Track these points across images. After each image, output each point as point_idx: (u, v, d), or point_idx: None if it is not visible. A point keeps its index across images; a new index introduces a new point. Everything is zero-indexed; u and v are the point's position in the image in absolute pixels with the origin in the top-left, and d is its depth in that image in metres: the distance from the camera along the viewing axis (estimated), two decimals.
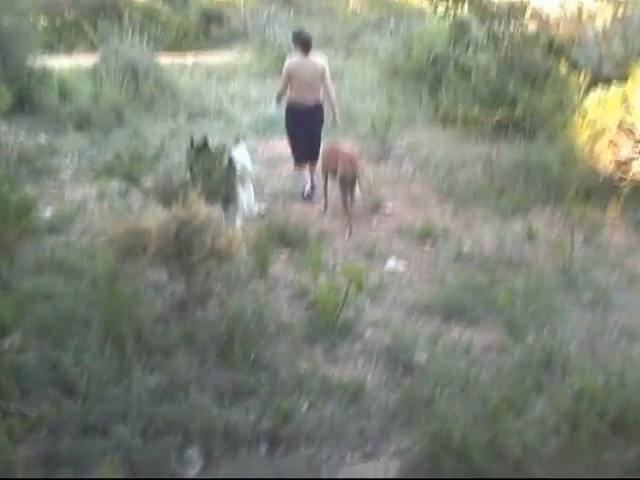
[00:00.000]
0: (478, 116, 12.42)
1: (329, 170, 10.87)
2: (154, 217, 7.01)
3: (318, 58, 11.52)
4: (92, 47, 22.49)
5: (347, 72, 23.07)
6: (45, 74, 17.89)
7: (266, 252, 8.72)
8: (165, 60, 22.86)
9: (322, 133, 11.85)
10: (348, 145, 11.24)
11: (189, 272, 7.35)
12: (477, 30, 12.48)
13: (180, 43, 29.91)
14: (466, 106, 12.56)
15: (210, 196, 7.49)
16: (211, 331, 6.95)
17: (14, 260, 8.36)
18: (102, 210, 10.01)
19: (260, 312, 7.32)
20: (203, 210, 6.98)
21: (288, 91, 11.47)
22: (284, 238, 9.56)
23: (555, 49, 12.03)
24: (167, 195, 7.09)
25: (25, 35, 18.26)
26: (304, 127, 11.44)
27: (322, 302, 7.48)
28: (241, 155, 9.78)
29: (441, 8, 12.35)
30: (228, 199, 8.95)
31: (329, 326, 7.30)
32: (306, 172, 11.71)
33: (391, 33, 25.48)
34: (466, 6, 12.09)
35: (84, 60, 21.93)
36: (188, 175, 7.92)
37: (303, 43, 11.26)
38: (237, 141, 10.26)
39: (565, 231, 9.91)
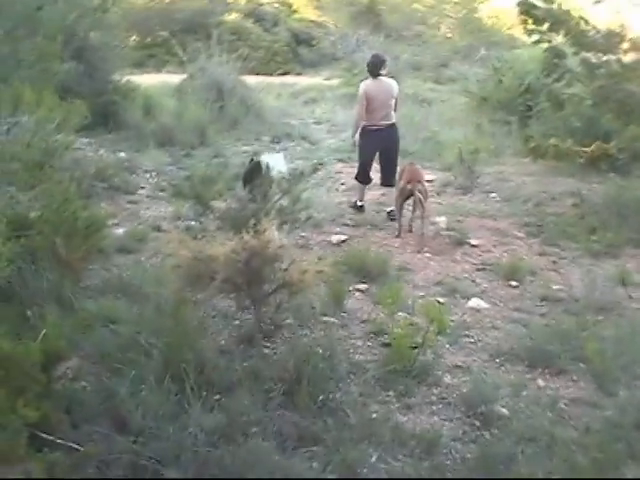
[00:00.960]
0: (570, 149, 11.75)
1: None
2: (223, 243, 6.54)
3: (390, 79, 11.51)
4: (182, 65, 22.36)
5: (435, 100, 22.76)
6: (130, 90, 17.77)
7: (342, 285, 8.21)
8: (252, 80, 22.78)
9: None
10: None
11: (259, 303, 6.88)
12: (572, 59, 11.83)
13: (269, 64, 29.86)
14: (558, 138, 11.90)
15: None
16: (278, 368, 6.43)
17: (79, 280, 8.04)
18: (173, 232, 9.57)
19: (332, 350, 6.75)
20: (275, 238, 6.51)
21: (364, 113, 11.32)
22: (362, 270, 9.00)
23: None
24: (238, 221, 6.62)
25: (112, 51, 18.18)
26: (379, 148, 11.45)
27: (398, 342, 6.92)
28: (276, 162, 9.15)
29: (535, 35, 11.70)
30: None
31: (405, 369, 6.72)
32: (362, 191, 11.79)
33: (481, 61, 24.96)
34: (562, 33, 11.43)
35: (172, 78, 21.91)
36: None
37: (375, 65, 11.32)
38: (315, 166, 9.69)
39: None
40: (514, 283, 9.15)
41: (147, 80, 21.61)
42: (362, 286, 8.75)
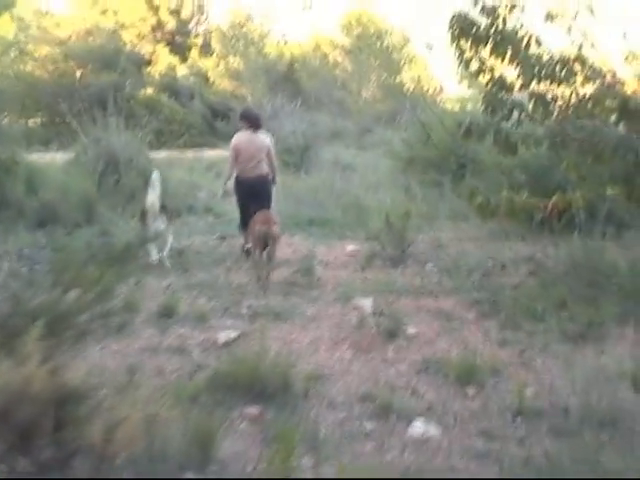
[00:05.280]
0: (527, 203, 8.95)
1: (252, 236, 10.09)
2: None
3: (263, 135, 11.47)
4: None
5: (358, 165, 20.48)
6: (14, 164, 14.98)
7: (211, 420, 5.08)
8: (163, 154, 20.47)
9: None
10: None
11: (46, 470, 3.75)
12: (518, 92, 9.13)
13: (183, 137, 27.59)
14: (511, 191, 9.09)
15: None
16: None
17: None
18: None
19: None
20: (44, 369, 3.39)
21: (236, 164, 11.22)
22: (255, 384, 5.84)
23: (629, 113, 8.61)
24: None
25: None
26: (253, 198, 10.92)
27: None
28: (155, 183, 10.93)
29: (473, 64, 8.96)
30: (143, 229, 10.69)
31: None
32: (247, 236, 10.83)
33: (406, 125, 22.83)
34: (507, 58, 8.71)
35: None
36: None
37: (250, 120, 11.32)
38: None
39: None
40: (472, 390, 6.13)
41: (47, 159, 18.94)
42: (253, 410, 5.58)
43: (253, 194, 10.99)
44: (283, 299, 8.72)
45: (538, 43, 8.72)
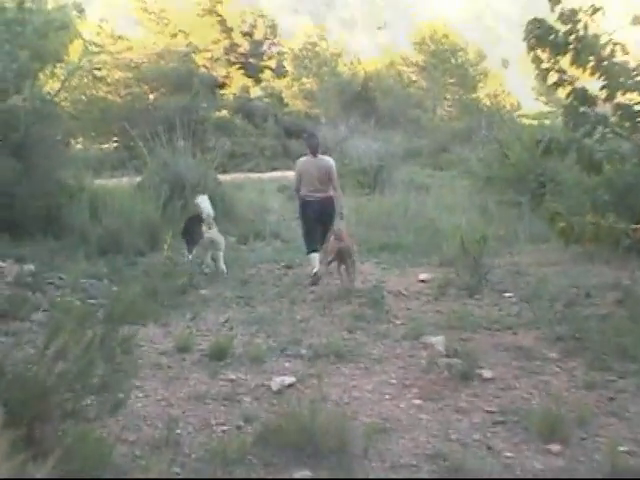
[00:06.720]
0: (614, 228, 8.05)
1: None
2: None
3: (326, 157, 11.62)
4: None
5: (434, 185, 19.83)
6: (79, 191, 14.74)
7: None
8: (233, 176, 20.09)
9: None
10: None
11: None
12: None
13: (256, 159, 27.23)
14: (596, 215, 8.20)
15: None
16: None
17: None
18: None
19: None
20: None
21: (301, 187, 11.32)
22: (307, 442, 5.09)
23: None
24: None
25: (55, 146, 15.33)
26: (316, 218, 11.18)
27: None
28: (204, 202, 11.61)
29: (552, 76, 8.18)
30: (194, 239, 11.52)
31: None
32: (313, 260, 10.97)
33: (482, 142, 22.03)
34: (589, 68, 7.90)
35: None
36: None
37: (308, 145, 11.52)
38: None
39: None
40: (556, 447, 5.31)
41: (115, 183, 18.59)
42: (303, 475, 4.91)
43: (317, 216, 11.10)
44: (348, 335, 8.01)
45: (624, 50, 7.90)
